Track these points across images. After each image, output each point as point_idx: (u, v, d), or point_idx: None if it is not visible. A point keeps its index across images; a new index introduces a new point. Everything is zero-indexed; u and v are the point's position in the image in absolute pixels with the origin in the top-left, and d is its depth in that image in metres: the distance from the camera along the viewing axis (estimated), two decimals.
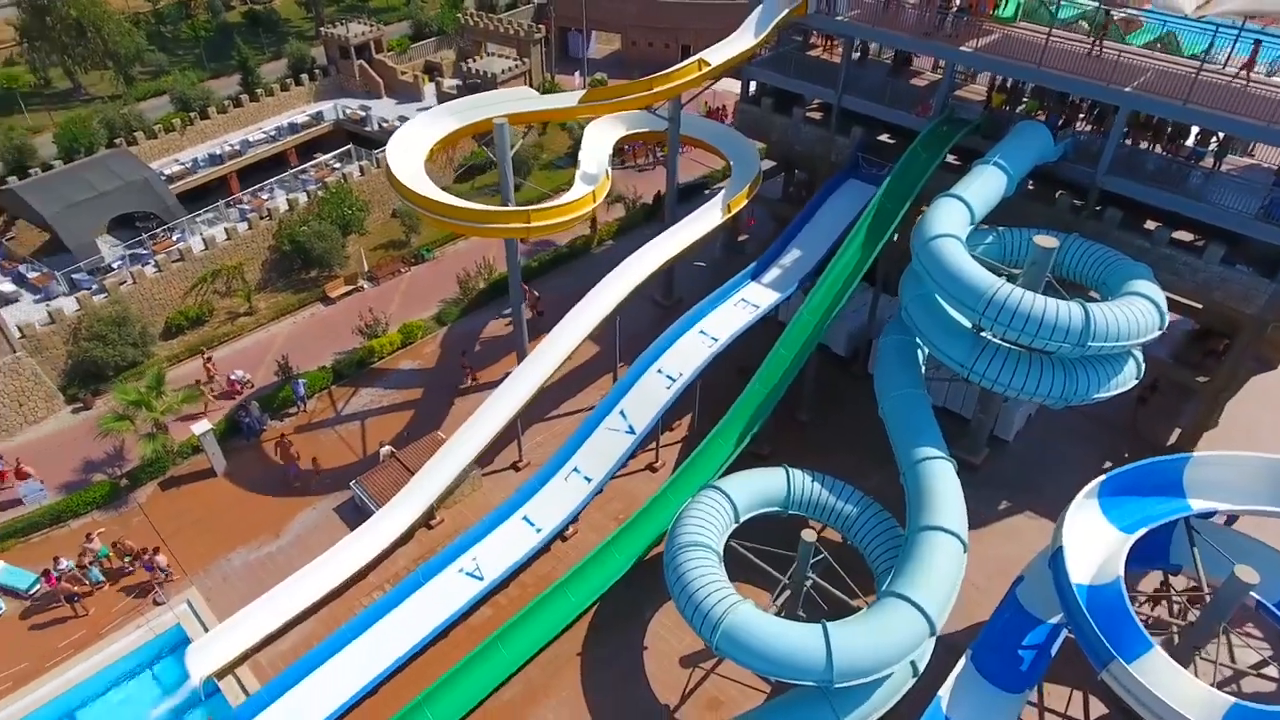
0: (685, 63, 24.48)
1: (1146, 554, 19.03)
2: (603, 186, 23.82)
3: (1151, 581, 20.94)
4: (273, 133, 40.11)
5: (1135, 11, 26.93)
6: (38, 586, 21.07)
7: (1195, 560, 18.06)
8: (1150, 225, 23.24)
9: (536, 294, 30.38)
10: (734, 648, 16.27)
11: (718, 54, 25.08)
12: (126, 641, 20.09)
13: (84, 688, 19.26)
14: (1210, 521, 19.07)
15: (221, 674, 19.16)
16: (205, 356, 28.26)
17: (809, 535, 17.78)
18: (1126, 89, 21.77)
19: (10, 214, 32.56)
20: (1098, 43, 23.37)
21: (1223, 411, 25.17)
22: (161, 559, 21.44)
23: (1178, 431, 25.74)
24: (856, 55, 30.02)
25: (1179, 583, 20.02)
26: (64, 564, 20.88)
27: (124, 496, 23.91)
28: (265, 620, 19.96)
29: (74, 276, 29.45)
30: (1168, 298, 23.38)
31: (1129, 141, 24.36)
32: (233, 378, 27.62)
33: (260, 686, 18.87)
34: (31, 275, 29.64)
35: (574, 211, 22.71)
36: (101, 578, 21.12)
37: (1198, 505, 18.29)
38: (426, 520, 22.81)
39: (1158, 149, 24.13)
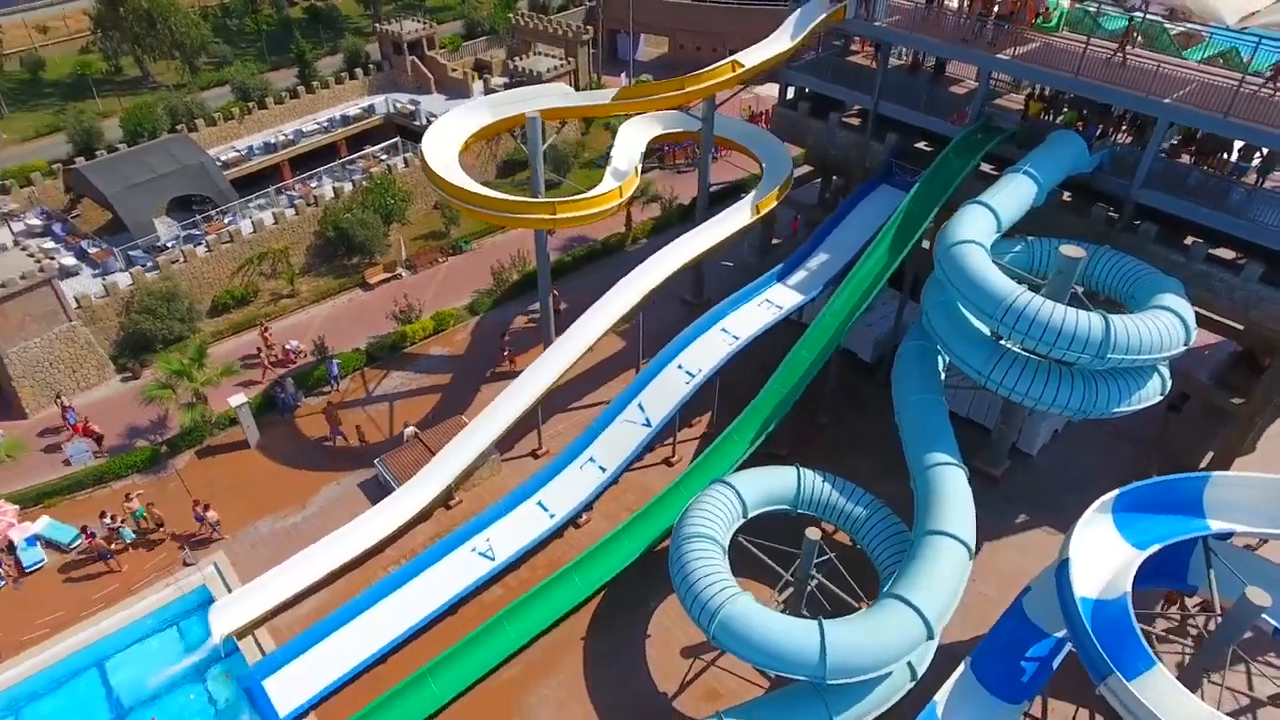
0: (718, 64, 24.74)
1: (1164, 573, 18.72)
2: (630, 183, 24.19)
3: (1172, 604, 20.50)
4: (325, 124, 41.51)
5: (1197, 26, 26.41)
6: (78, 542, 22.27)
7: (1210, 581, 17.65)
8: (1189, 241, 22.75)
9: (555, 292, 30.81)
10: (730, 638, 16.46)
11: (752, 56, 25.29)
12: (155, 598, 21.14)
13: (114, 639, 20.34)
14: (1229, 543, 18.62)
15: (241, 634, 20.06)
16: (263, 328, 29.57)
17: (813, 534, 17.82)
18: (1166, 100, 21.37)
19: (76, 192, 34.35)
20: (1120, 50, 22.99)
21: (1260, 436, 24.47)
22: (212, 515, 22.52)
23: (1210, 454, 25.06)
24: (907, 63, 29.98)
25: (1197, 605, 19.55)
26: (108, 519, 22.05)
27: (163, 462, 25.10)
28: (285, 585, 20.81)
29: (130, 253, 30.97)
30: (1210, 320, 22.97)
31: (1180, 156, 23.94)
32: (288, 347, 28.98)
33: (276, 647, 19.70)
34: (92, 250, 31.25)
35: (599, 206, 23.13)
36: (133, 536, 22.22)
37: (1216, 526, 17.89)
38: (445, 500, 23.47)
39: (1202, 164, 23.56)
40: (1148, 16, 24.88)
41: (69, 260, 30.64)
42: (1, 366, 26.10)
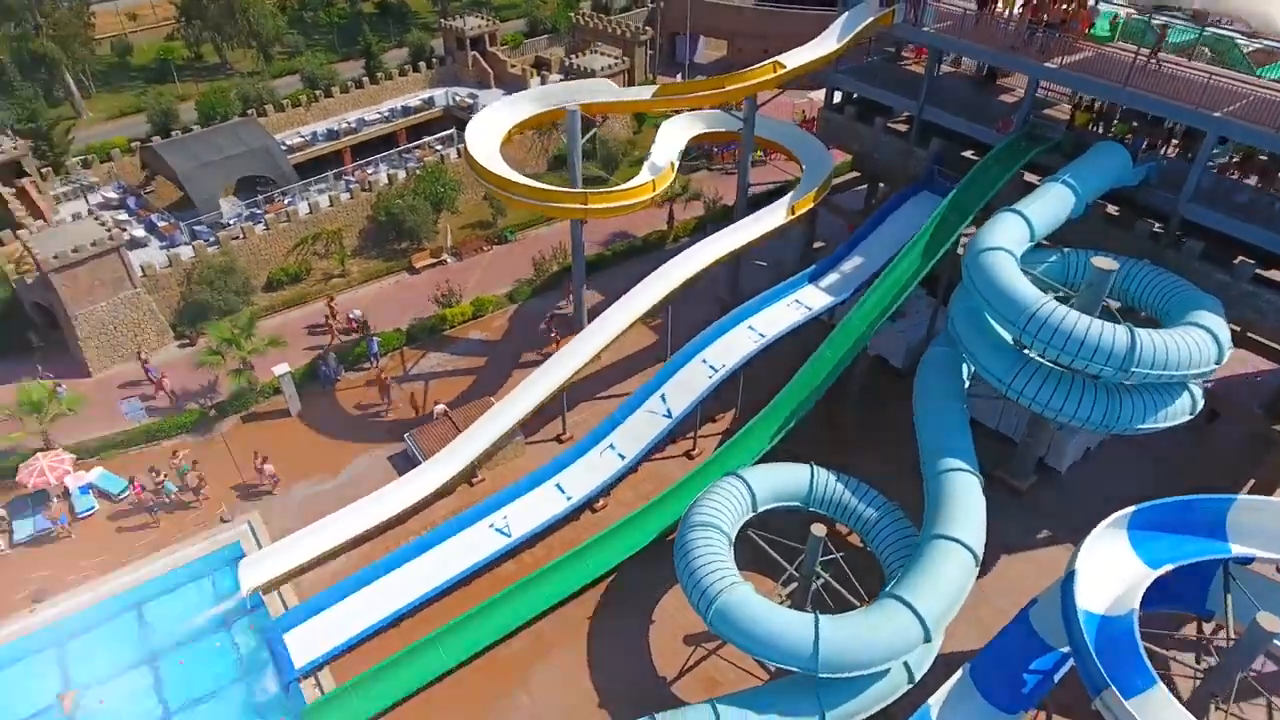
0: (760, 64, 24.97)
1: (1182, 597, 18.30)
2: (664, 178, 24.62)
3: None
4: (387, 114, 42.83)
5: (1274, 43, 25.55)
6: (126, 493, 23.74)
7: (1226, 606, 17.16)
8: (1238, 260, 22.04)
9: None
10: (726, 625, 16.74)
11: (794, 58, 25.46)
12: (192, 550, 22.37)
13: (152, 584, 21.60)
14: (1250, 569, 18.04)
15: (267, 589, 21.11)
16: (329, 299, 31.03)
17: (818, 530, 17.94)
18: (1215, 114, 20.78)
19: (151, 169, 36.38)
20: (1153, 55, 22.49)
21: None
22: (269, 468, 23.97)
23: (1252, 482, 24.16)
24: (969, 71, 29.67)
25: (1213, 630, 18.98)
26: (155, 473, 23.44)
27: (210, 425, 26.50)
28: (312, 546, 21.82)
29: (195, 228, 32.72)
30: (1264, 345, 22.21)
31: (1232, 172, 23.26)
32: (351, 316, 30.35)
33: (299, 603, 20.69)
34: (161, 224, 33.09)
35: (631, 198, 23.62)
36: (175, 489, 23.54)
37: (1239, 550, 17.35)
38: (468, 477, 24.22)
39: (1263, 185, 22.80)
40: (1206, 29, 24.18)
41: (139, 232, 32.49)
42: (70, 326, 27.92)
